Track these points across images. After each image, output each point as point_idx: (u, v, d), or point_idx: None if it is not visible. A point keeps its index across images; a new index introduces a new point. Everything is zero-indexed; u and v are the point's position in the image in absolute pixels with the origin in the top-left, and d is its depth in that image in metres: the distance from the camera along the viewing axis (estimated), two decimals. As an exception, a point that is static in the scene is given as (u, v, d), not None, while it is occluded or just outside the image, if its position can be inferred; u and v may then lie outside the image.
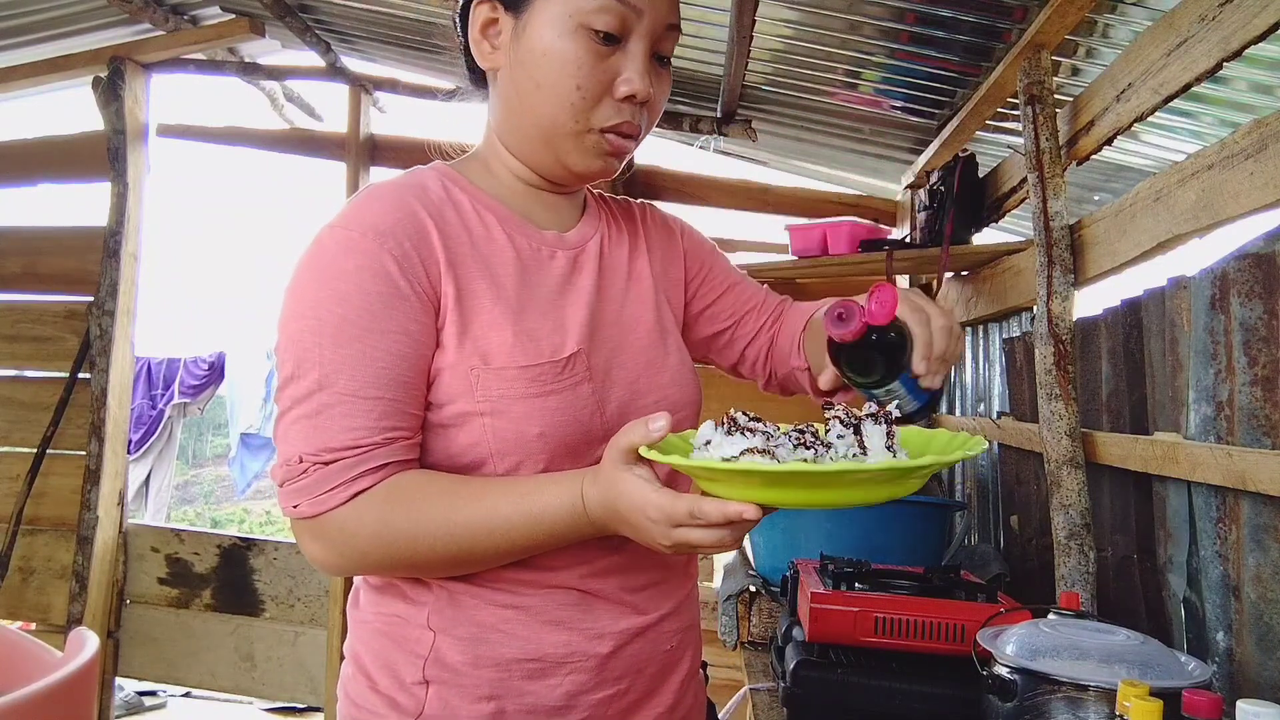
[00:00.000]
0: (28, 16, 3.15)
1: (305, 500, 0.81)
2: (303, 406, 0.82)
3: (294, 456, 0.82)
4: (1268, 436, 1.15)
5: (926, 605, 1.35)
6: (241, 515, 12.43)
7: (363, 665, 0.91)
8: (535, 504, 0.80)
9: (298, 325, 0.83)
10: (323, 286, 0.82)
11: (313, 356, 0.81)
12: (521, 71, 0.88)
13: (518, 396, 0.85)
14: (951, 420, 2.67)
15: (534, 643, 0.88)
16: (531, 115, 0.89)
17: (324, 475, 0.81)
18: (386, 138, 3.41)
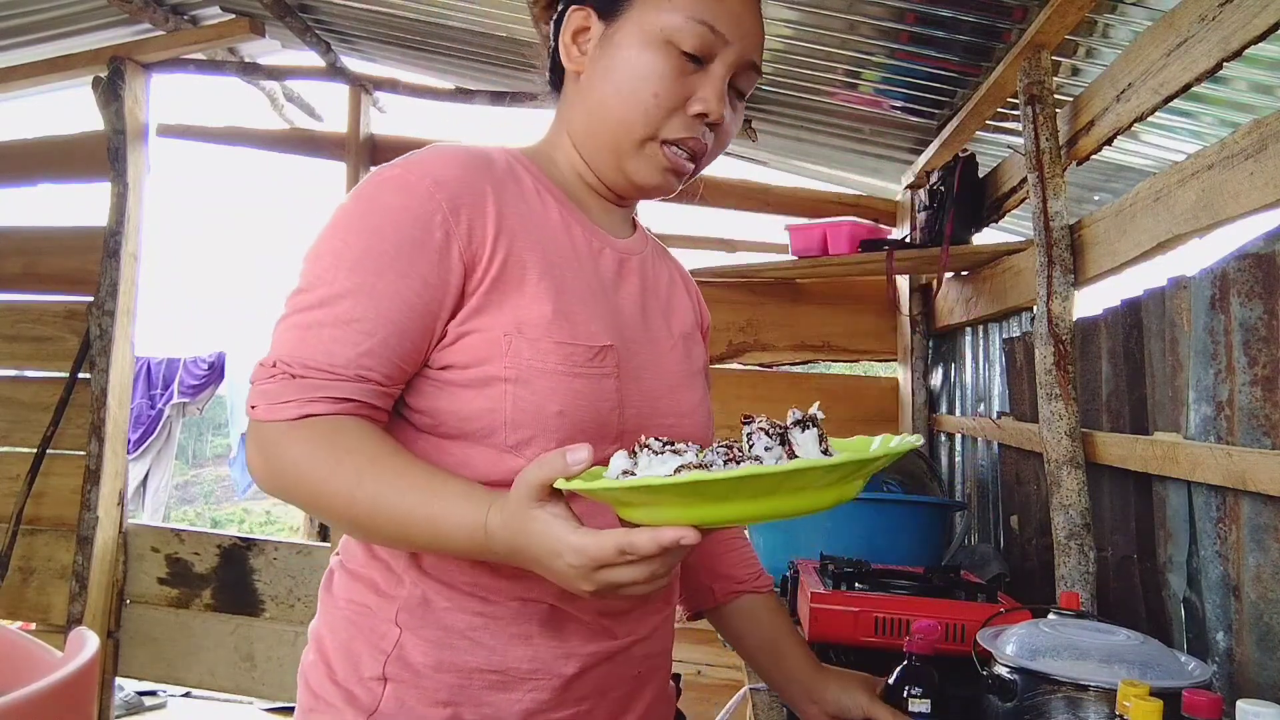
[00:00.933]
0: (28, 16, 3.15)
1: (263, 404, 0.80)
2: (299, 316, 0.81)
3: (270, 359, 0.81)
4: (1268, 436, 1.15)
5: (926, 605, 1.36)
6: (241, 515, 12.43)
7: (324, 652, 0.90)
8: (437, 511, 0.76)
9: (326, 243, 0.83)
10: (362, 215, 0.83)
11: (327, 275, 0.81)
12: (604, 77, 0.91)
13: (547, 370, 0.84)
14: (951, 420, 2.67)
15: (499, 654, 0.86)
16: (606, 119, 0.92)
17: (287, 385, 0.79)
18: (386, 138, 3.41)
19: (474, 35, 2.80)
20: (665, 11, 0.88)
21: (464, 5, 2.57)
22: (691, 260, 3.63)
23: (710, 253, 3.29)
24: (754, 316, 3.14)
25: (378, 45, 3.22)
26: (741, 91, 0.94)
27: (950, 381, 2.77)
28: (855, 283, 3.08)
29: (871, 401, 3.11)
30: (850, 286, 3.10)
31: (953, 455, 2.70)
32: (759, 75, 0.95)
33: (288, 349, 0.80)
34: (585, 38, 0.93)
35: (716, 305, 3.10)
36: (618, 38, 0.90)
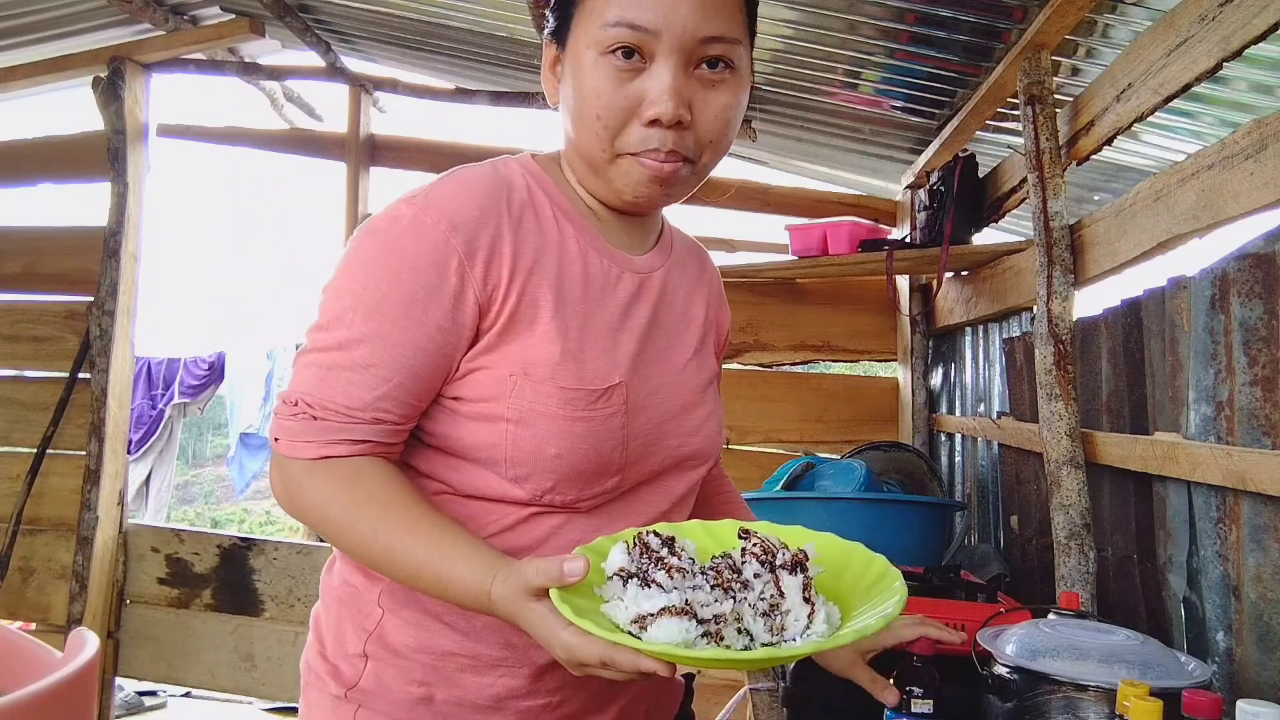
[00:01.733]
0: (28, 16, 3.15)
1: (286, 439, 0.85)
2: (319, 355, 0.85)
3: (293, 396, 0.85)
4: (1268, 436, 1.15)
5: (926, 605, 1.35)
6: (241, 515, 12.43)
7: (319, 629, 0.96)
8: (444, 570, 0.80)
9: (344, 282, 0.85)
10: (380, 257, 0.84)
11: (345, 317, 0.84)
12: (565, 104, 0.91)
13: (547, 414, 0.86)
14: (952, 420, 2.67)
15: (473, 639, 0.90)
16: (575, 145, 0.92)
17: (308, 425, 0.84)
18: (386, 138, 3.41)
19: (474, 35, 2.80)
20: (590, 26, 0.86)
21: (464, 5, 2.57)
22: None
23: (710, 252, 3.28)
24: (754, 316, 3.14)
25: (378, 45, 3.22)
26: (715, 65, 0.88)
27: (950, 381, 2.77)
28: (855, 283, 3.08)
29: (871, 401, 3.11)
30: (850, 286, 3.10)
31: (953, 455, 2.70)
32: (728, 43, 0.90)
33: (308, 387, 0.84)
34: (558, 69, 0.93)
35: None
36: (568, 64, 0.90)
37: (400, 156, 3.39)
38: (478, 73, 3.25)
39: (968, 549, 2.19)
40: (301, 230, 29.45)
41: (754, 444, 3.13)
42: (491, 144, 3.30)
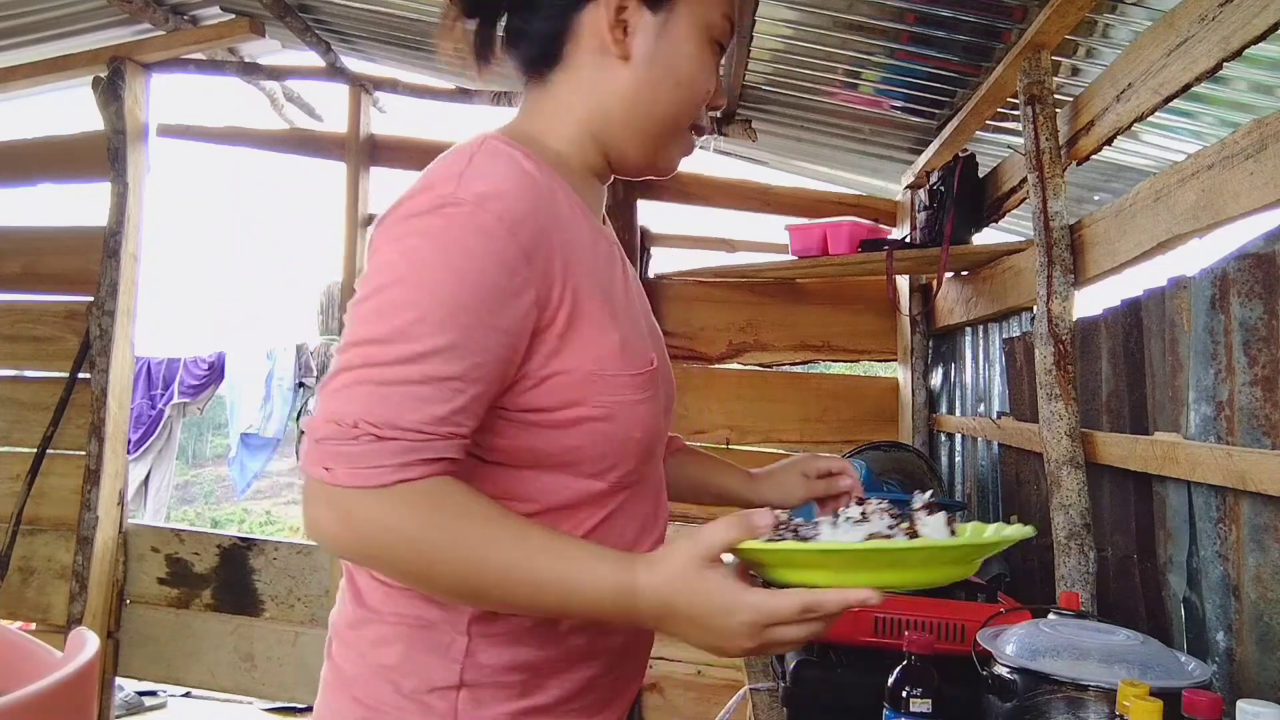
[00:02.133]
0: (28, 16, 3.15)
1: (344, 467, 0.74)
2: (377, 371, 0.75)
3: (348, 418, 0.74)
4: (1268, 436, 1.15)
5: (926, 605, 1.36)
6: (241, 515, 12.43)
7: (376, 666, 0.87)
8: (573, 574, 0.75)
9: (404, 292, 0.76)
10: (443, 260, 0.76)
11: (410, 329, 0.75)
12: (660, 69, 0.90)
13: (629, 403, 0.86)
14: (951, 420, 2.67)
15: (563, 641, 0.88)
16: (657, 107, 0.91)
17: (376, 450, 0.73)
18: (386, 138, 3.41)
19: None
20: (706, 9, 0.91)
21: (464, 5, 2.56)
22: (691, 260, 3.63)
23: (710, 253, 3.29)
24: (754, 316, 3.14)
25: (378, 45, 3.22)
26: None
27: (950, 381, 2.77)
28: (855, 283, 3.08)
29: (871, 401, 3.10)
30: (850, 286, 3.10)
31: (953, 455, 2.70)
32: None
33: (368, 408, 0.74)
34: (630, 21, 0.90)
35: (716, 305, 3.14)
36: (673, 32, 0.90)
37: (400, 156, 3.39)
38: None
39: (968, 549, 2.18)
40: (301, 230, 29.47)
41: (754, 444, 3.13)
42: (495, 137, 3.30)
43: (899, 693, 1.09)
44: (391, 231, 0.79)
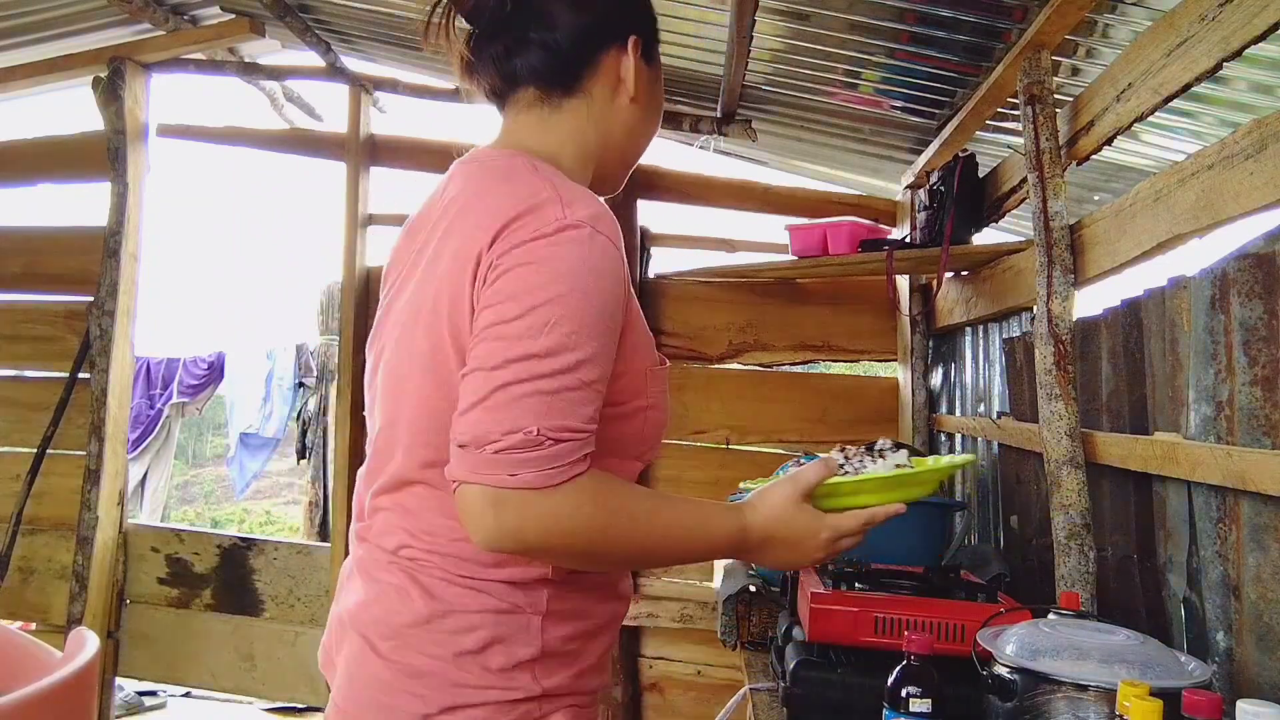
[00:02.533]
0: (28, 16, 3.15)
1: (531, 472, 0.83)
2: (544, 382, 0.83)
3: (527, 428, 0.82)
4: (1268, 436, 1.15)
5: (926, 605, 1.36)
6: (241, 515, 12.43)
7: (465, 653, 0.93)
8: (710, 525, 0.97)
9: (553, 309, 0.85)
10: (581, 279, 0.86)
11: (569, 341, 0.84)
12: (648, 111, 1.08)
13: (665, 392, 1.02)
14: (951, 420, 2.67)
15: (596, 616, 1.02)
16: (644, 142, 1.11)
17: (555, 452, 0.83)
18: (386, 138, 3.41)
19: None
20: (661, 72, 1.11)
21: (464, 5, 2.57)
22: (691, 260, 3.63)
23: (710, 253, 3.29)
24: (754, 316, 3.14)
25: (378, 45, 3.22)
26: None
27: (950, 381, 2.77)
28: (855, 283, 3.08)
29: (871, 401, 3.10)
30: (850, 286, 3.10)
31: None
32: None
33: (541, 417, 0.83)
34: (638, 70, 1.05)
35: (716, 305, 3.14)
36: (655, 84, 1.09)
37: (400, 156, 3.39)
38: (478, 73, 3.25)
39: (968, 549, 2.19)
40: (301, 230, 29.46)
41: (754, 444, 3.13)
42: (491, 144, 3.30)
43: (899, 693, 1.09)
44: (519, 256, 0.87)
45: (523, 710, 0.93)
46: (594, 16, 1.02)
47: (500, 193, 0.92)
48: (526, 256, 0.86)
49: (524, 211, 0.88)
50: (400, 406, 0.97)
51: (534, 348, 0.83)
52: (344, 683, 0.97)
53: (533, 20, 1.00)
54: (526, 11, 1.00)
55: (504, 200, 0.90)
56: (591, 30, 1.01)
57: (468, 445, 0.84)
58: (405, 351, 0.96)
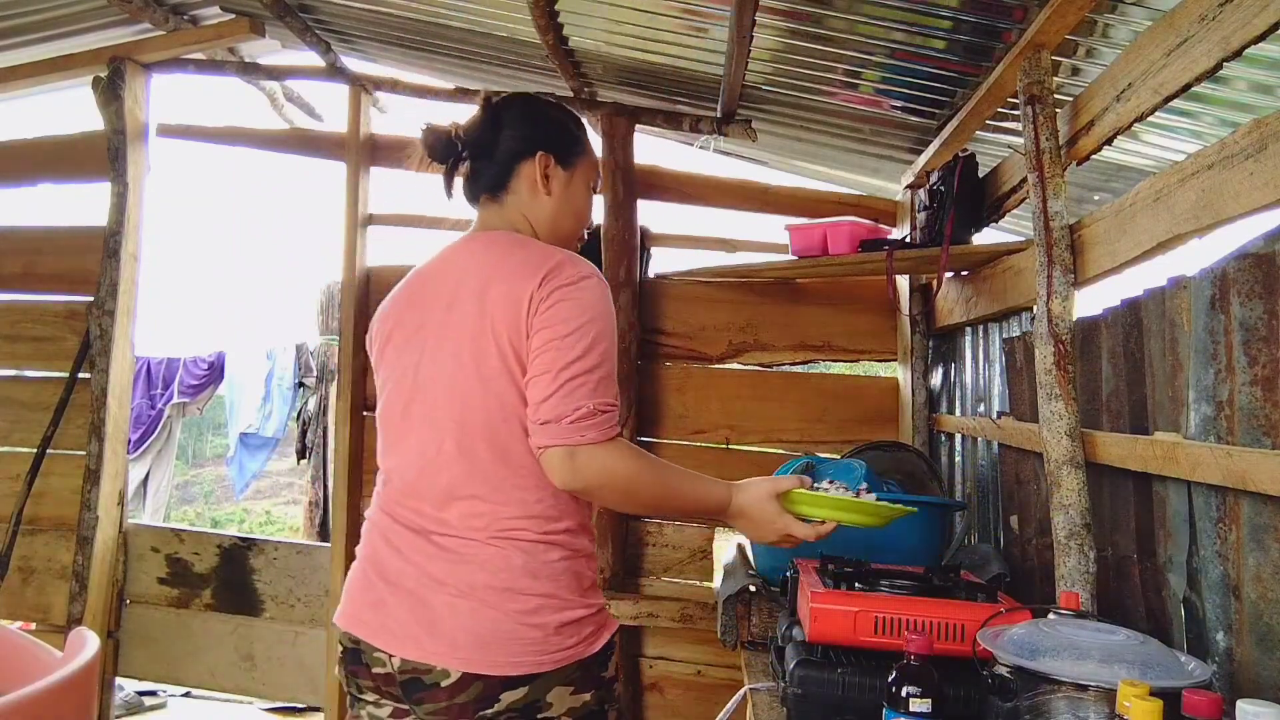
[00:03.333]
0: (28, 16, 3.15)
1: (594, 431, 1.24)
2: (590, 375, 1.26)
3: (585, 405, 1.24)
4: (1268, 436, 1.15)
5: (926, 605, 1.36)
6: (241, 515, 12.42)
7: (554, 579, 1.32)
8: (705, 492, 1.36)
9: (600, 327, 1.29)
10: (604, 311, 1.31)
11: (604, 349, 1.28)
12: (565, 203, 1.48)
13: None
14: (951, 420, 2.67)
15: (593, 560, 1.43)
16: (570, 224, 1.50)
17: (605, 419, 1.26)
18: (386, 137, 3.41)
19: (474, 35, 2.80)
20: (590, 170, 1.52)
21: (464, 5, 2.57)
22: (691, 260, 3.63)
23: (710, 253, 3.29)
24: (754, 316, 3.14)
25: (378, 45, 3.22)
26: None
27: (950, 381, 2.77)
28: (855, 283, 3.08)
29: (871, 401, 3.10)
30: (850, 286, 3.10)
31: (953, 455, 2.70)
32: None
33: (591, 398, 1.25)
34: (551, 174, 1.45)
35: (716, 305, 3.15)
36: (574, 183, 1.49)
37: (400, 156, 3.38)
38: (478, 73, 3.25)
39: (968, 549, 2.19)
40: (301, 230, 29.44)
41: (754, 444, 3.13)
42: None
43: (899, 693, 1.09)
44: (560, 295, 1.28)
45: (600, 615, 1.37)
46: (509, 145, 1.46)
47: (525, 255, 1.34)
48: (564, 296, 1.28)
49: (554, 266, 1.30)
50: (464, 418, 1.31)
51: (580, 353, 1.26)
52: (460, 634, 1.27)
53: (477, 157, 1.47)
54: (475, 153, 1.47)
55: (534, 258, 1.32)
56: (509, 154, 1.46)
57: (549, 422, 1.24)
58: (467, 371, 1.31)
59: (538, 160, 1.44)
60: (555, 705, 1.29)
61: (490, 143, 1.46)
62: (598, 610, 1.37)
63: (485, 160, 1.46)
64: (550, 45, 2.55)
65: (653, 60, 2.63)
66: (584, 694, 1.32)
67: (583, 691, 1.32)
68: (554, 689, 1.28)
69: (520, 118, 1.49)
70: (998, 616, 1.27)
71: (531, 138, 1.46)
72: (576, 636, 1.32)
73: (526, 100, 1.55)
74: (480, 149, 1.46)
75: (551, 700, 1.28)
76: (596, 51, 2.67)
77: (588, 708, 1.32)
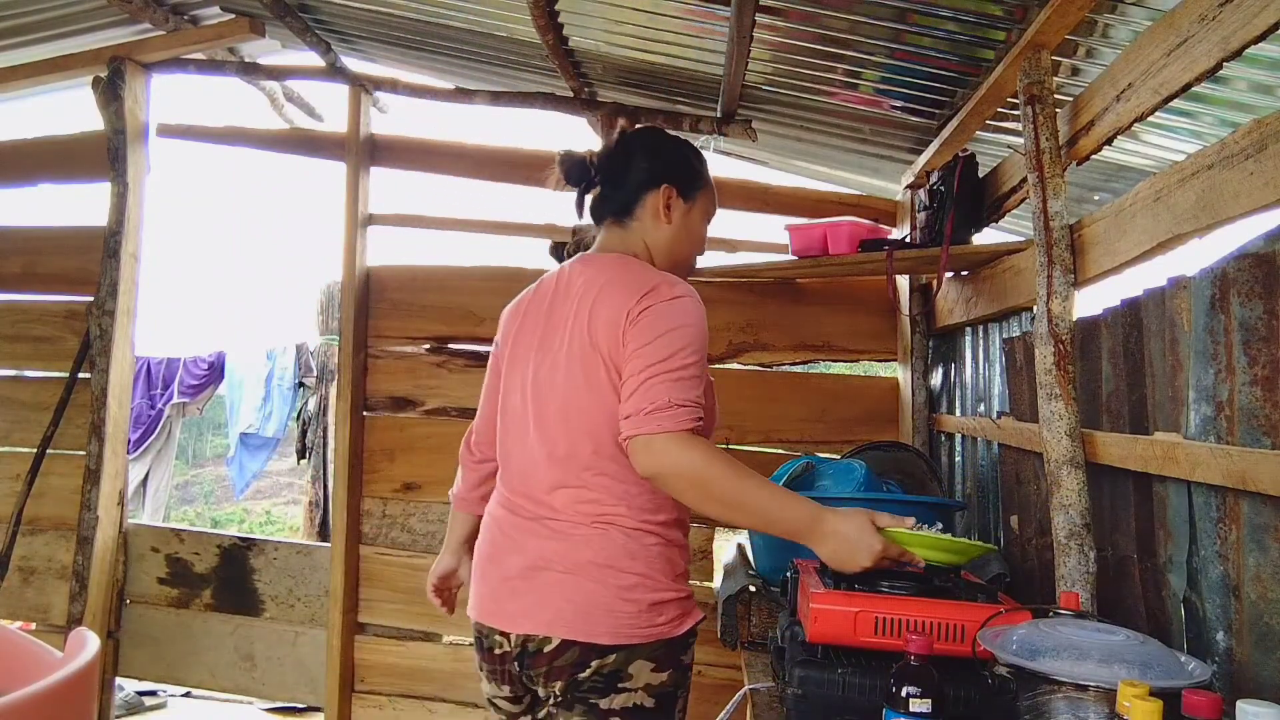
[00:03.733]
0: (28, 16, 3.15)
1: (669, 423, 1.34)
2: (670, 374, 1.37)
3: (664, 400, 1.35)
4: (1268, 436, 1.15)
5: (926, 605, 1.35)
6: (241, 515, 12.43)
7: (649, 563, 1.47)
8: (789, 501, 1.42)
9: (688, 335, 1.41)
10: (696, 323, 1.44)
11: (689, 354, 1.40)
12: (684, 232, 1.63)
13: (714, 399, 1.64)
14: (951, 420, 2.67)
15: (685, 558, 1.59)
16: (681, 252, 1.64)
17: (681, 412, 1.36)
18: (386, 137, 3.41)
19: (474, 35, 2.80)
20: (708, 206, 1.68)
21: (464, 5, 2.57)
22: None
23: (710, 253, 3.28)
24: (754, 316, 3.13)
25: (378, 45, 3.22)
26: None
27: (950, 381, 2.77)
28: (855, 283, 3.08)
29: (871, 401, 3.10)
30: (850, 286, 3.10)
31: (953, 455, 2.70)
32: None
33: (669, 394, 1.36)
34: (672, 204, 1.60)
35: (716, 305, 3.14)
36: (693, 214, 1.64)
37: (400, 156, 3.39)
38: (478, 73, 3.25)
39: (968, 549, 2.18)
40: (301, 230, 29.44)
41: (754, 444, 3.13)
42: (491, 144, 3.31)
43: (899, 693, 1.09)
44: (652, 311, 1.42)
45: (685, 602, 1.52)
46: (638, 175, 1.60)
47: (630, 277, 1.48)
48: (656, 311, 1.42)
49: (651, 288, 1.44)
50: (570, 419, 1.47)
51: (664, 355, 1.38)
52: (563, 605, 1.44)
53: (607, 183, 1.63)
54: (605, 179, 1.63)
55: (636, 278, 1.47)
56: (637, 184, 1.60)
57: (632, 415, 1.36)
58: (575, 379, 1.47)
59: (662, 191, 1.59)
60: (636, 677, 1.44)
61: (621, 171, 1.62)
62: (686, 597, 1.51)
63: (615, 187, 1.61)
64: (550, 45, 2.55)
65: (653, 60, 2.63)
66: (662, 673, 1.46)
67: (662, 670, 1.46)
68: (637, 661, 1.43)
69: (649, 150, 1.64)
70: (998, 617, 1.27)
71: (658, 170, 1.61)
72: (664, 617, 1.47)
73: (656, 134, 1.72)
74: (611, 176, 1.62)
75: (633, 672, 1.43)
76: (596, 51, 2.67)
77: (664, 687, 1.46)
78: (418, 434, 3.27)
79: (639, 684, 1.44)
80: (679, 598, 1.50)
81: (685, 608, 1.51)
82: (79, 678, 1.69)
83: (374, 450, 3.31)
